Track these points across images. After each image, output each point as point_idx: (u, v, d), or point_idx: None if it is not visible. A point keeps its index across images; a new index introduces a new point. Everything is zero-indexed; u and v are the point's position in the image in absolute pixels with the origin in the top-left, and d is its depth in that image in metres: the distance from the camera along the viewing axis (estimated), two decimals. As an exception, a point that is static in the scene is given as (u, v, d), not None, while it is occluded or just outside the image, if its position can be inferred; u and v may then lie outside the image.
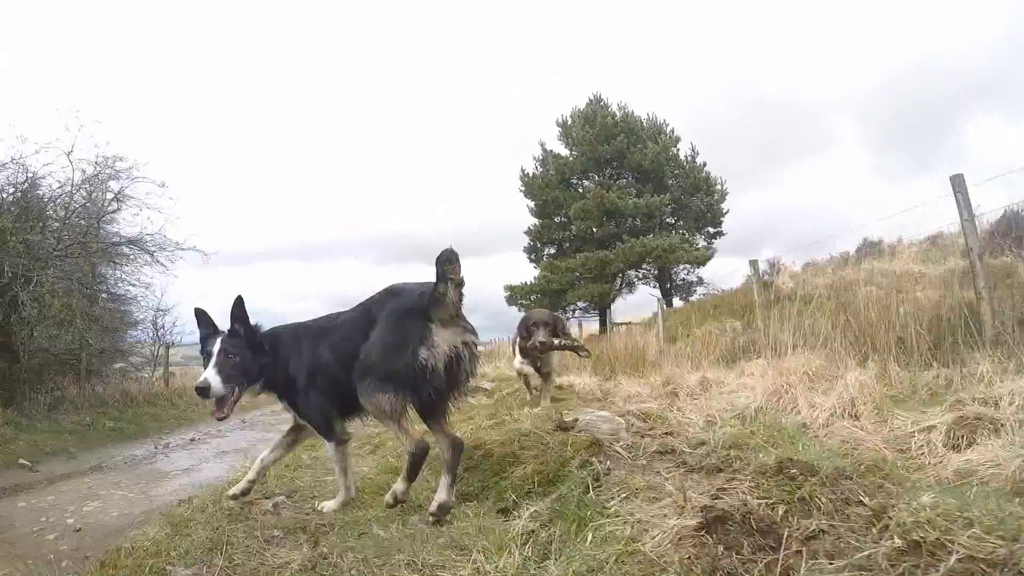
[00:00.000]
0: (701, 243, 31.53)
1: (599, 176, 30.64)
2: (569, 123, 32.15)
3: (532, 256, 32.90)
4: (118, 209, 24.87)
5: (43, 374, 12.62)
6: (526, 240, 32.53)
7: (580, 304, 31.63)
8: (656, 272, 31.89)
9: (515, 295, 31.53)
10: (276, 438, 4.54)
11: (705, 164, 32.09)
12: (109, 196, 29.74)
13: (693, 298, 30.19)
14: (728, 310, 16.62)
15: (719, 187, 32.11)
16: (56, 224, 12.76)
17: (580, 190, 31.09)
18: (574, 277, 28.93)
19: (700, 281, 31.86)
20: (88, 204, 27.40)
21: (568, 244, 31.68)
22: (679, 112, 78.07)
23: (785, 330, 7.08)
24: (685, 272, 31.97)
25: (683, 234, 30.65)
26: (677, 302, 31.08)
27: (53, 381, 12.77)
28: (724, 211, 32.23)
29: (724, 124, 49.63)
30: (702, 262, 30.36)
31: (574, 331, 30.83)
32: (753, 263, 11.55)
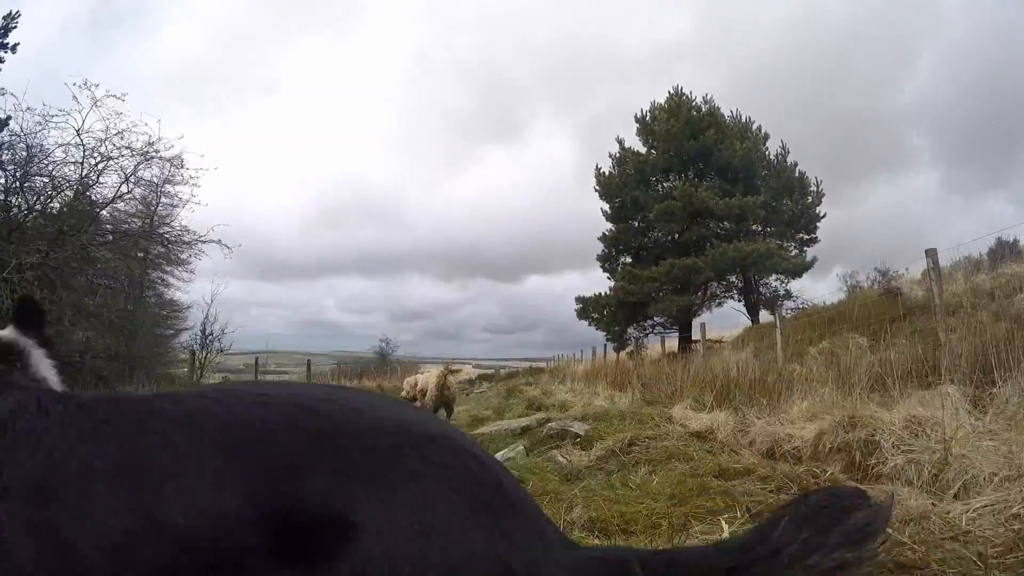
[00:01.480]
0: (793, 251, 27.94)
1: (683, 175, 27.38)
2: (649, 119, 29.21)
3: (606, 265, 29.66)
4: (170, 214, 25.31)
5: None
6: (599, 247, 29.52)
7: (657, 319, 28.49)
8: (741, 283, 28.47)
9: (587, 308, 28.51)
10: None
11: (796, 164, 28.61)
12: (165, 200, 28.75)
13: (784, 313, 26.87)
14: (837, 325, 14.82)
15: (814, 188, 28.42)
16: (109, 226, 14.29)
17: (661, 190, 27.97)
18: (654, 288, 25.71)
19: (788, 294, 28.16)
20: (142, 207, 26.59)
21: (647, 252, 28.45)
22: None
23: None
24: (777, 283, 28.24)
25: (778, 241, 27.27)
26: (764, 317, 27.64)
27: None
28: (820, 215, 28.49)
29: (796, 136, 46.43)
30: (798, 272, 26.72)
31: (654, 347, 28.80)
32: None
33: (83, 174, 12.00)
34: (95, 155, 12.16)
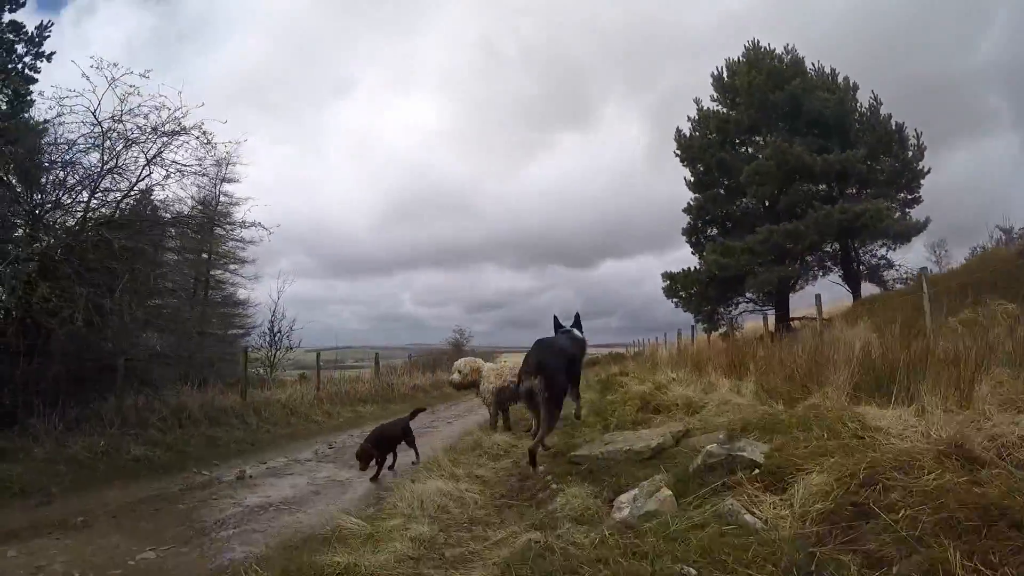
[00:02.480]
0: (896, 213, 23.78)
1: (771, 132, 24.24)
2: (726, 76, 26.17)
3: (692, 239, 26.82)
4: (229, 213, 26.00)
5: (85, 382, 10.70)
6: (676, 226, 26.82)
7: (749, 295, 25.75)
8: (838, 253, 25.18)
9: (675, 286, 25.83)
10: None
11: (891, 116, 24.47)
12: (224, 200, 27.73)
13: (891, 284, 23.89)
14: (970, 293, 13.09)
15: (914, 141, 24.27)
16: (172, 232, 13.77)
17: (749, 151, 25.05)
18: (750, 260, 22.73)
19: (888, 264, 24.74)
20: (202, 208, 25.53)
21: (737, 221, 25.47)
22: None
23: None
24: (884, 249, 24.68)
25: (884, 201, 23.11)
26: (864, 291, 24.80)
27: (94, 390, 10.75)
28: (924, 171, 24.28)
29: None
30: (907, 236, 23.41)
31: (750, 326, 25.82)
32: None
33: (103, 160, 10.30)
34: (112, 135, 10.31)
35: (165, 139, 10.46)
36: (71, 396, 9.88)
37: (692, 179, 26.34)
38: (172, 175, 10.77)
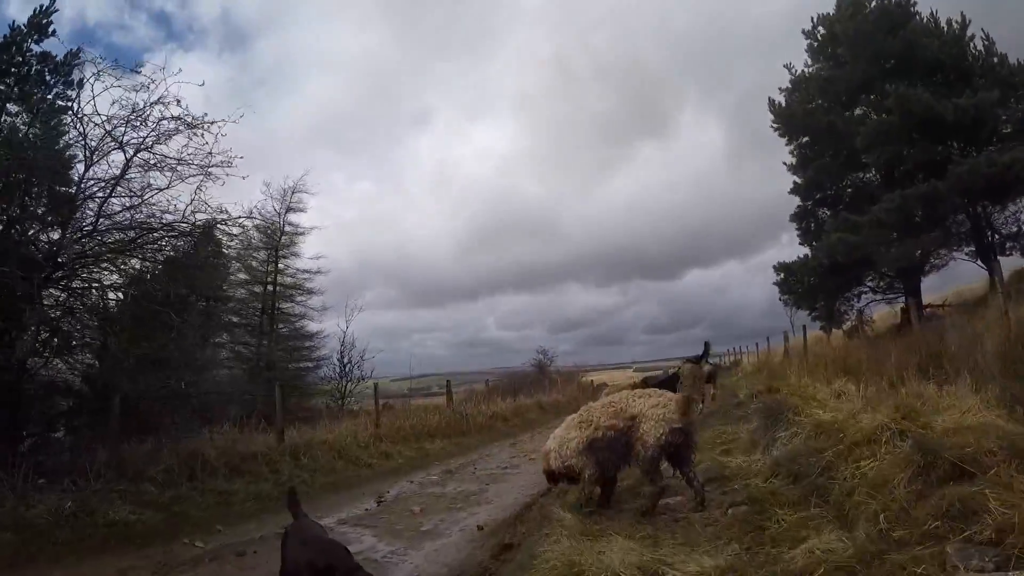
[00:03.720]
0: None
1: (887, 85, 19.51)
2: (822, 31, 22.28)
3: (803, 224, 22.86)
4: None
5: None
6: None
7: (868, 283, 22.04)
8: (969, 224, 20.45)
9: (790, 279, 22.08)
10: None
11: (1006, 56, 20.00)
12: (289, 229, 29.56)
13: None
14: None
15: None
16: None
17: (861, 111, 20.84)
18: (880, 236, 18.56)
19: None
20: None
21: (855, 193, 21.59)
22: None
23: None
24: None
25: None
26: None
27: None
28: None
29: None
30: None
31: (883, 315, 21.77)
32: None
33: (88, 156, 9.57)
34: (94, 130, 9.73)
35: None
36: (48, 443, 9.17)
37: (795, 154, 22.57)
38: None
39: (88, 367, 10.69)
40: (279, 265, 30.07)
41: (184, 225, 10.72)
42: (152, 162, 10.09)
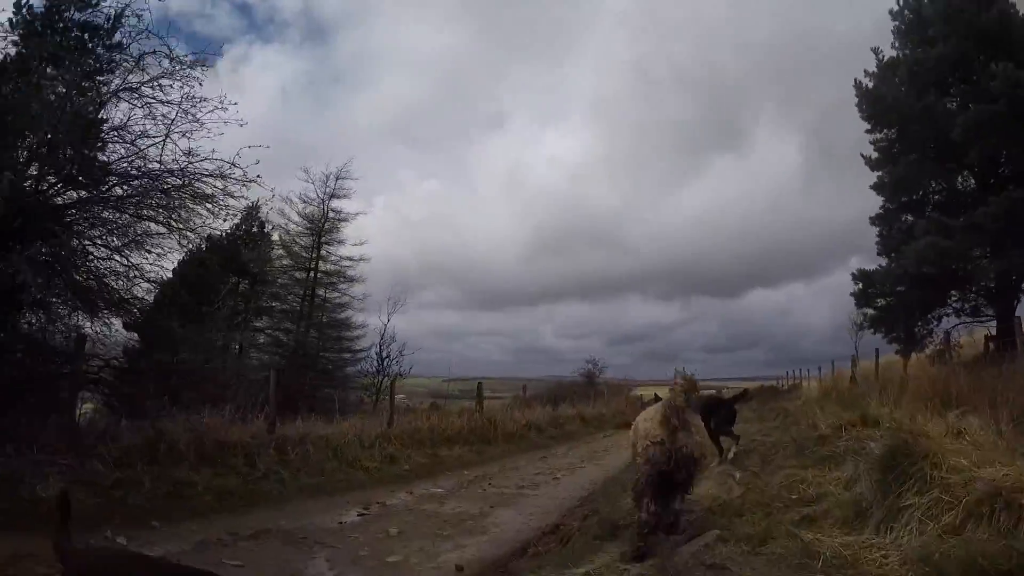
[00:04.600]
0: None
1: (986, 65, 16.70)
2: (907, 13, 19.65)
3: (885, 229, 19.95)
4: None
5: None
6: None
7: (953, 303, 19.33)
8: None
9: (869, 290, 19.47)
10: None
11: None
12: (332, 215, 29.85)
13: None
14: None
15: None
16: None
17: (956, 102, 18.04)
18: (977, 243, 16.26)
19: None
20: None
21: (947, 197, 18.86)
22: None
23: None
24: None
25: None
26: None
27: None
28: None
29: None
30: None
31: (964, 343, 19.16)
32: None
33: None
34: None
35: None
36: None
37: (880, 147, 19.83)
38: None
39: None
40: (321, 252, 29.67)
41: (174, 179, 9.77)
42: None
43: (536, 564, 5.85)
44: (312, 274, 29.67)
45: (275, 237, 30.56)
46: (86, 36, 9.85)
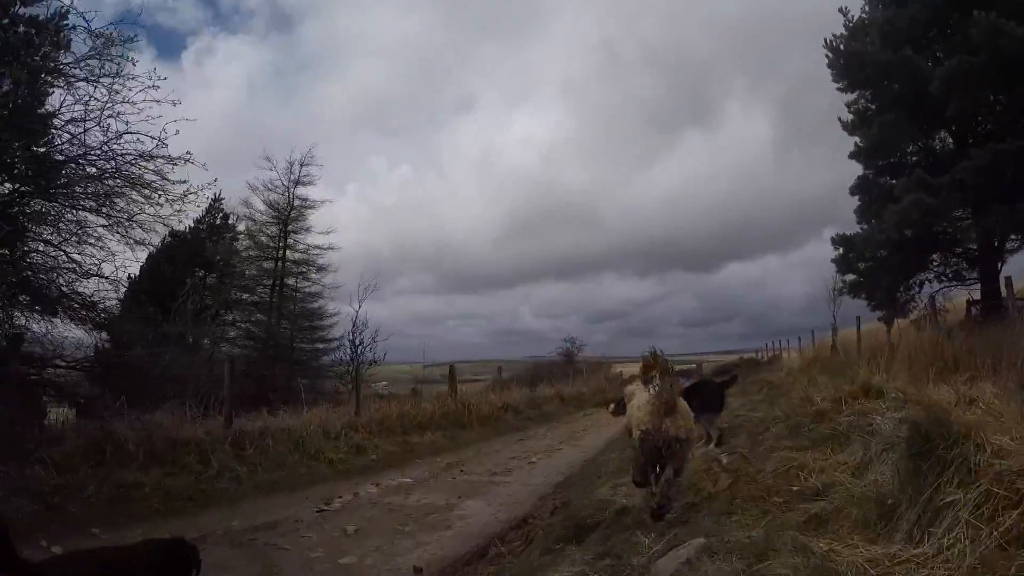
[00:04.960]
0: None
1: (970, 14, 15.17)
2: None
3: (866, 196, 19.22)
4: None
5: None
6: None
7: (934, 267, 18.90)
8: None
9: (850, 255, 18.87)
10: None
11: None
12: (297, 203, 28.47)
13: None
14: None
15: None
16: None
17: (938, 51, 17.17)
18: (960, 202, 15.56)
19: None
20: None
21: (927, 158, 18.07)
22: None
23: None
24: None
25: None
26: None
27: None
28: None
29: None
30: None
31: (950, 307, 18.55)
32: None
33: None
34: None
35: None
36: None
37: (855, 110, 19.13)
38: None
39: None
40: (288, 240, 28.88)
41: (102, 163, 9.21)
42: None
43: (495, 570, 5.51)
44: (280, 263, 28.87)
45: (241, 227, 29.79)
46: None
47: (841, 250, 18.58)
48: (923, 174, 15.60)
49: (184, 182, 9.96)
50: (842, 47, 18.18)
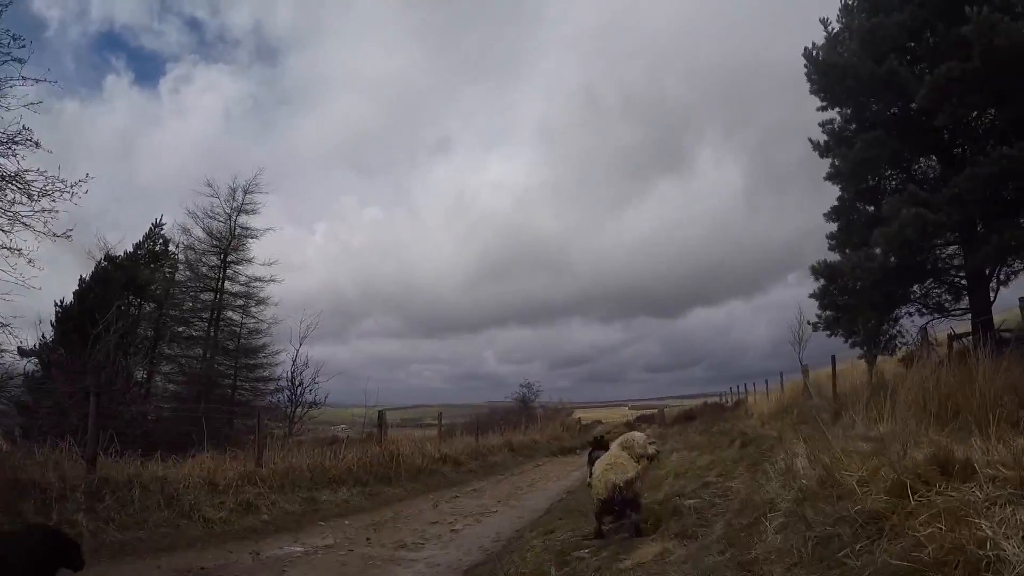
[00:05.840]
0: None
1: (962, 11, 13.06)
2: None
3: (843, 219, 17.37)
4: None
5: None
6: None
7: (912, 305, 16.92)
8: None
9: (831, 287, 16.56)
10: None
11: None
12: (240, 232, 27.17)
13: None
14: None
15: None
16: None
17: (924, 59, 15.24)
18: (959, 218, 13.38)
19: None
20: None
21: (913, 175, 16.34)
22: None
23: None
24: None
25: None
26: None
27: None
28: None
29: None
30: None
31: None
32: None
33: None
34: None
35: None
36: None
37: (830, 129, 17.24)
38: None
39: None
40: (228, 272, 27.05)
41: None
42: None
43: None
44: (219, 296, 26.84)
45: (180, 256, 27.91)
46: None
47: (822, 281, 16.51)
48: (917, 189, 13.78)
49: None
50: (821, 57, 16.46)
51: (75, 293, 24.34)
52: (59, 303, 23.78)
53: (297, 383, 25.67)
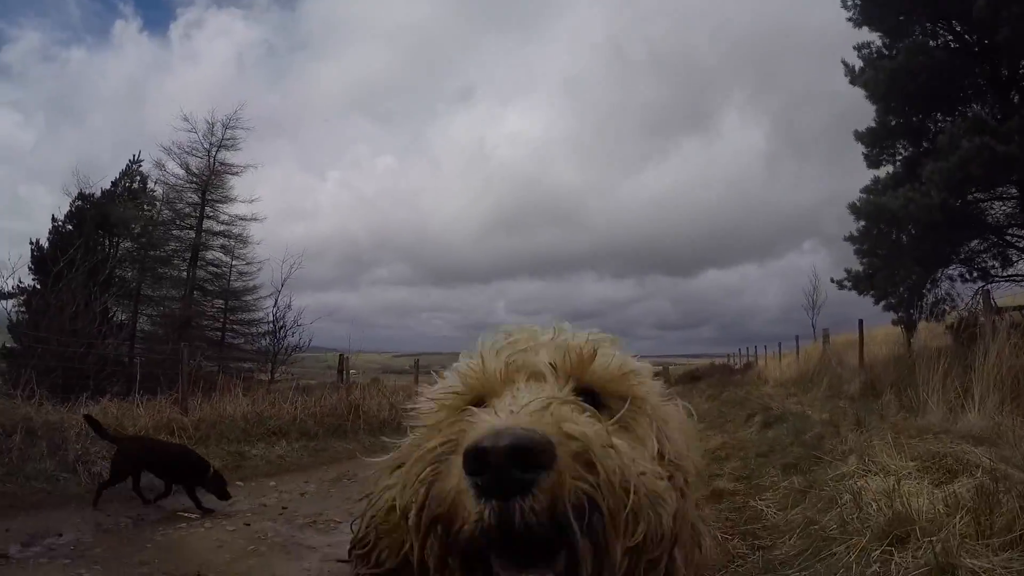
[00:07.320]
0: None
1: None
2: None
3: (875, 149, 14.89)
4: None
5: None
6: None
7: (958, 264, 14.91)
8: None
9: (876, 228, 14.05)
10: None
11: None
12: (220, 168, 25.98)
13: None
14: None
15: None
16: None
17: None
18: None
19: None
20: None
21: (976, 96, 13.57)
22: None
23: None
24: None
25: None
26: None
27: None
28: None
29: None
30: None
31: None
32: None
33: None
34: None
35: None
36: None
37: (865, 53, 14.66)
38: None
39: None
40: (206, 210, 25.69)
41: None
42: None
43: None
44: (198, 234, 25.19)
45: (159, 193, 26.20)
46: None
47: (863, 223, 14.19)
48: (983, 112, 11.41)
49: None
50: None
51: (48, 232, 22.97)
52: (34, 243, 22.37)
53: (279, 326, 24.29)
